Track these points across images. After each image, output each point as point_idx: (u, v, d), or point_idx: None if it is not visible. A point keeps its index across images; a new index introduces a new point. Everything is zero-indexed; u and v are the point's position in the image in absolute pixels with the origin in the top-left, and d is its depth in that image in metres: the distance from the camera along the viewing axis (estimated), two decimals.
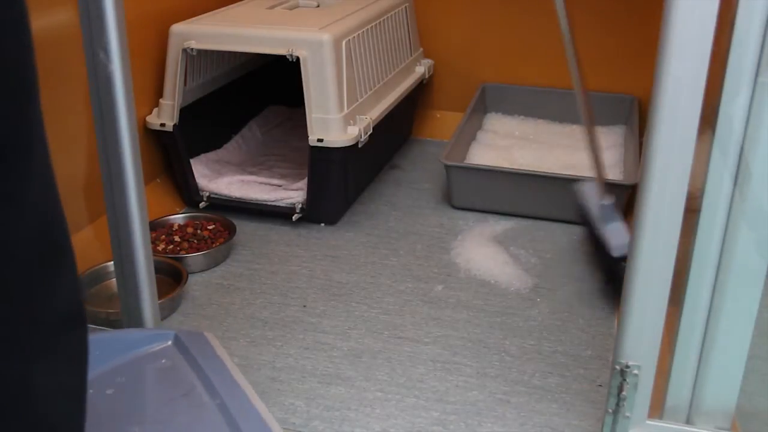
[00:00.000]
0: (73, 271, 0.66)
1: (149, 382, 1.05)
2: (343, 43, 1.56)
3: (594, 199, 1.44)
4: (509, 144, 1.92)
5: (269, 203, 1.63)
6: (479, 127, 2.03)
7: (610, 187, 1.43)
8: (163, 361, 1.07)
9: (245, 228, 1.60)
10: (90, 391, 0.92)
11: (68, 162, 1.41)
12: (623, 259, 1.33)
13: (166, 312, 1.32)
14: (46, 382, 0.63)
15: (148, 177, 1.60)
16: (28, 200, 0.58)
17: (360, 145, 1.58)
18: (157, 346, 1.09)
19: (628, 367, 0.96)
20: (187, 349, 1.08)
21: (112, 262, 1.35)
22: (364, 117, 1.61)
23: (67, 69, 1.36)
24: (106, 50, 1.02)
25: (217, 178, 1.69)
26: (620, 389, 0.97)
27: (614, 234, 1.37)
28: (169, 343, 1.09)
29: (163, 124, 1.61)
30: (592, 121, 1.36)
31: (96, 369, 1.01)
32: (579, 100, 1.34)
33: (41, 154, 0.60)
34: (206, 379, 1.02)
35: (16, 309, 0.60)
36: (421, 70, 1.99)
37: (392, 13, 1.84)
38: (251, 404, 0.97)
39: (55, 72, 1.35)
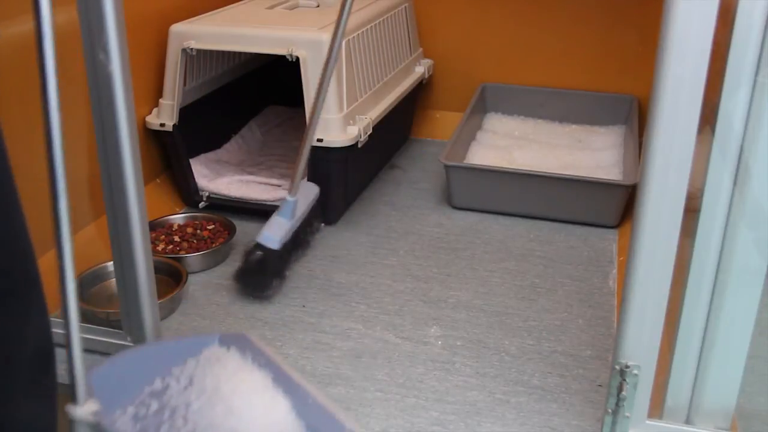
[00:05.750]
0: (42, 307, 0.63)
1: (212, 381, 1.02)
2: (343, 43, 1.56)
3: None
4: (509, 144, 1.92)
5: (269, 203, 1.63)
6: (479, 127, 2.03)
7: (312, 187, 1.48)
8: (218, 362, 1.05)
9: (245, 228, 1.60)
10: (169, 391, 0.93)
11: (69, 160, 1.41)
12: (261, 248, 1.36)
13: (165, 312, 1.32)
14: (15, 424, 0.60)
15: (147, 177, 1.60)
16: None
17: (360, 145, 1.58)
18: (205, 350, 1.05)
19: (627, 367, 0.96)
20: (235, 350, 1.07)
21: (112, 262, 1.35)
22: (364, 117, 1.62)
23: (67, 69, 1.36)
24: (105, 50, 1.02)
25: (217, 178, 1.69)
26: (620, 389, 0.97)
27: (272, 225, 1.38)
28: (216, 344, 1.07)
29: (162, 124, 1.61)
30: (316, 117, 1.35)
31: (153, 378, 0.99)
32: (321, 92, 1.34)
33: None
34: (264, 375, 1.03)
35: None
36: (420, 70, 1.99)
37: (392, 13, 1.84)
38: (318, 402, 0.99)
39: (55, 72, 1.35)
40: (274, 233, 1.36)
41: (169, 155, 1.69)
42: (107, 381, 0.94)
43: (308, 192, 1.48)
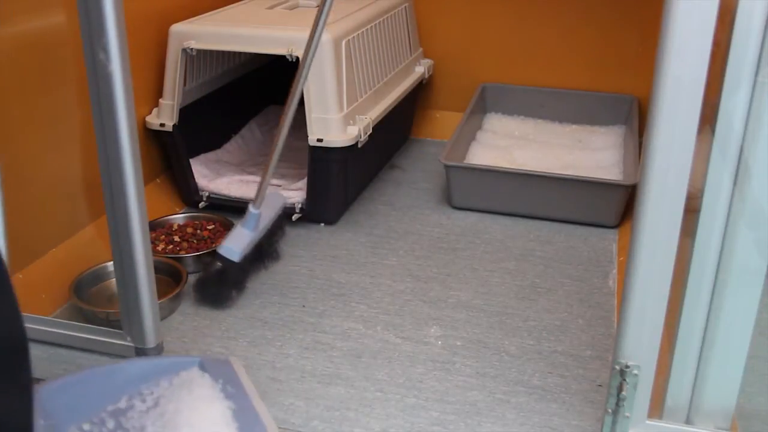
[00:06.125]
0: (13, 300, 0.62)
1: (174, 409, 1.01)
2: (343, 43, 1.56)
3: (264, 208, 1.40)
4: (509, 144, 1.92)
5: None
6: (479, 127, 2.03)
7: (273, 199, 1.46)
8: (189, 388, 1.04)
9: None
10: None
11: (70, 160, 1.41)
12: (221, 259, 1.34)
13: (165, 312, 1.32)
14: None
15: (147, 177, 1.60)
16: None
17: (360, 145, 1.58)
18: (183, 373, 1.05)
19: (627, 367, 0.96)
20: (209, 376, 1.05)
21: (112, 262, 1.35)
22: (364, 117, 1.61)
23: (67, 69, 1.36)
24: (106, 50, 1.02)
25: (217, 178, 1.69)
26: (620, 389, 0.97)
27: (234, 236, 1.36)
28: (195, 367, 1.06)
29: (162, 124, 1.61)
30: (283, 134, 1.37)
31: (122, 395, 1.00)
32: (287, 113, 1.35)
33: None
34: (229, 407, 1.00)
35: None
36: (420, 70, 1.99)
37: (392, 13, 1.84)
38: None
39: (55, 72, 1.35)
40: (235, 245, 1.34)
41: (169, 155, 1.69)
42: (66, 395, 0.93)
43: (274, 203, 1.46)
